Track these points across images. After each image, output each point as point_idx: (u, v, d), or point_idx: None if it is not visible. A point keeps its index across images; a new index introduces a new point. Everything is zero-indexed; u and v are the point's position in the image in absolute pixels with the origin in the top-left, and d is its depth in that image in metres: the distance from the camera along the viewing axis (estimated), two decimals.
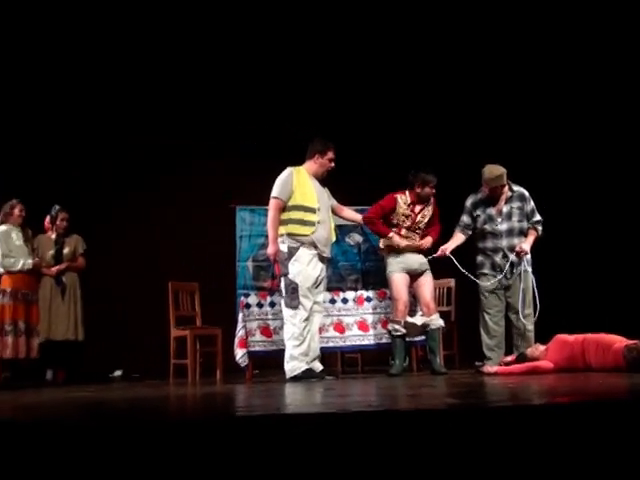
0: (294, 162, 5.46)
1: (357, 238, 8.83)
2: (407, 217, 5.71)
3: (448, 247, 5.64)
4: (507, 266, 5.47)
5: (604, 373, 4.20)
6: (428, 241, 5.73)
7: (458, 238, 5.73)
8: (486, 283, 5.52)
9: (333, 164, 5.41)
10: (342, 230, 7.14)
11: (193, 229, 8.49)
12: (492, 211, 5.60)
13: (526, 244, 5.50)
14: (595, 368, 4.45)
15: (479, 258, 5.67)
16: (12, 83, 7.73)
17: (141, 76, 8.21)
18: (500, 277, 5.48)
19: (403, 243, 5.60)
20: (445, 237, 5.83)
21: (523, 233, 5.57)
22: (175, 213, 8.57)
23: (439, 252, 5.62)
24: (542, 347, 4.90)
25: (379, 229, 5.72)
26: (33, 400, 3.99)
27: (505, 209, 5.56)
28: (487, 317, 5.55)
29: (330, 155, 5.39)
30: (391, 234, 5.63)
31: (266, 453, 2.02)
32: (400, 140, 8.72)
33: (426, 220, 5.76)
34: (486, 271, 5.60)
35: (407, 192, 5.75)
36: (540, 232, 5.60)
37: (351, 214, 5.82)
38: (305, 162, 5.44)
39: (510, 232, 5.54)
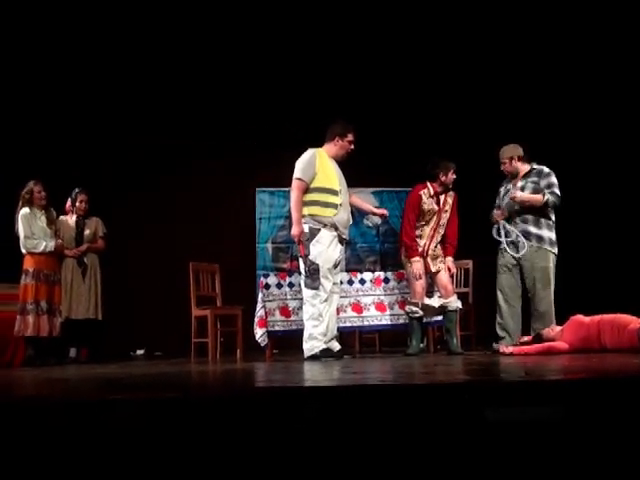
0: (312, 145, 5.50)
1: (376, 220, 8.86)
2: (434, 213, 5.75)
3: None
4: (502, 230, 5.59)
5: (619, 353, 4.23)
6: (452, 268, 5.82)
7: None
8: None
9: (353, 146, 5.44)
10: (361, 212, 7.18)
11: (213, 211, 8.60)
12: (509, 185, 5.72)
13: (525, 195, 5.52)
14: (610, 349, 4.48)
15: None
16: (31, 68, 7.82)
17: (157, 65, 8.29)
18: (503, 238, 5.59)
19: (418, 272, 5.66)
20: (462, 228, 5.91)
21: (535, 207, 5.55)
22: (196, 195, 8.68)
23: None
24: (558, 328, 4.93)
25: (412, 247, 5.71)
26: (58, 376, 4.10)
27: (520, 183, 5.64)
28: (499, 295, 5.63)
29: (350, 137, 5.40)
30: (415, 259, 5.68)
31: (284, 425, 2.09)
32: (414, 124, 8.72)
33: (448, 209, 5.80)
34: (503, 245, 5.64)
35: (429, 184, 5.79)
36: (547, 199, 5.48)
37: (358, 202, 5.78)
38: (324, 144, 5.46)
39: (522, 208, 5.57)
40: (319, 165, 5.24)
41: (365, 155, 7.16)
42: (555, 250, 5.57)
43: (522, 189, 5.60)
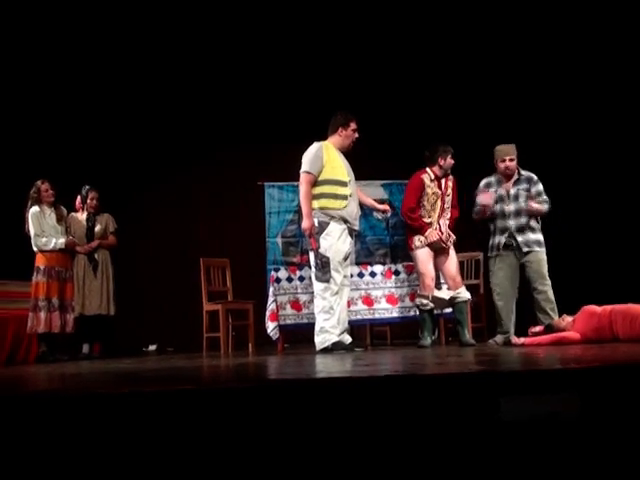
0: (320, 138, 5.50)
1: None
2: (438, 197, 5.75)
3: None
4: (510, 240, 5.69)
5: (631, 343, 4.21)
6: (452, 235, 5.81)
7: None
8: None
9: (357, 134, 5.43)
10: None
11: (223, 207, 8.63)
12: (502, 191, 5.76)
13: (537, 206, 5.64)
14: (623, 339, 4.46)
15: (491, 239, 5.83)
16: (37, 65, 7.86)
17: (166, 61, 8.31)
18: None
19: (437, 237, 5.65)
20: (471, 220, 5.96)
21: (530, 215, 5.68)
22: (205, 191, 8.72)
23: None
24: (569, 318, 4.92)
25: (420, 224, 5.71)
26: (72, 371, 4.12)
27: (513, 191, 5.73)
28: (493, 293, 5.80)
29: (353, 126, 5.41)
30: (429, 230, 5.68)
31: (297, 416, 2.11)
32: (423, 116, 8.70)
33: (450, 192, 5.81)
34: (495, 252, 5.77)
35: (428, 169, 5.80)
36: (546, 209, 5.71)
37: (362, 197, 5.73)
38: (328, 137, 5.46)
39: (518, 213, 5.68)
40: (326, 157, 5.25)
41: (374, 147, 7.18)
42: (544, 249, 5.71)
43: (516, 197, 5.70)
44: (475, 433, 2.09)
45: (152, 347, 8.21)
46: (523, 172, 5.79)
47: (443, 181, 5.79)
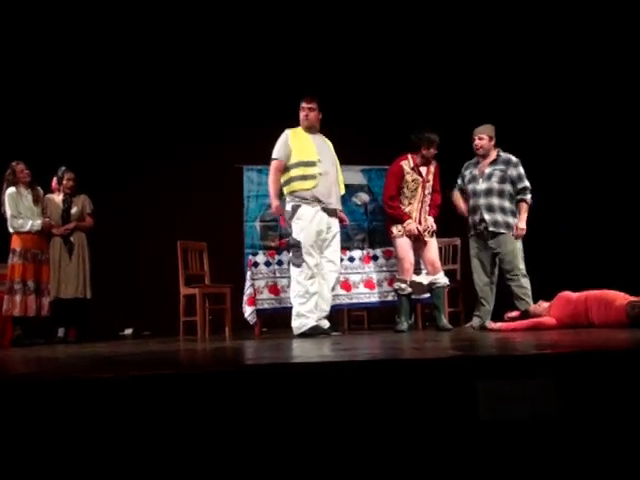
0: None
1: (364, 198, 8.91)
2: (418, 184, 5.74)
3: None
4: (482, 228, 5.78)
5: (606, 329, 4.26)
6: (432, 225, 5.80)
7: (460, 199, 6.06)
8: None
9: (304, 112, 5.47)
10: (349, 190, 7.18)
11: (201, 189, 8.55)
12: (476, 172, 5.86)
13: (521, 222, 5.72)
14: (598, 325, 4.51)
15: (469, 219, 5.93)
16: (11, 40, 7.72)
17: (146, 41, 8.22)
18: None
19: (415, 230, 5.66)
20: (451, 205, 6.06)
21: (504, 195, 5.74)
22: (184, 174, 8.62)
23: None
24: (545, 304, 4.96)
25: (399, 213, 5.70)
26: (48, 355, 4.09)
27: (487, 170, 5.79)
28: (474, 278, 5.88)
29: (302, 105, 5.50)
30: (408, 221, 5.67)
31: (273, 401, 2.10)
32: (403, 102, 8.69)
33: (431, 179, 5.81)
34: (472, 232, 5.89)
35: (409, 156, 5.78)
36: (529, 201, 5.78)
37: None
38: None
39: (488, 192, 5.74)
40: (293, 142, 5.36)
41: (353, 132, 7.16)
42: (512, 231, 5.74)
43: (489, 177, 5.75)
44: (453, 419, 2.10)
45: (128, 331, 8.16)
46: (502, 154, 5.82)
47: (424, 168, 5.78)
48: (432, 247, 5.78)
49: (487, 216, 5.71)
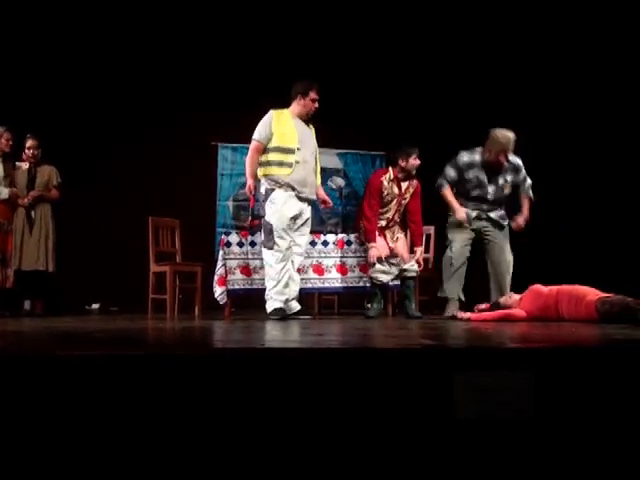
0: (278, 100, 5.41)
1: (339, 182, 8.87)
2: (393, 198, 5.76)
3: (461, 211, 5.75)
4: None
5: (576, 323, 4.28)
6: (420, 263, 5.87)
7: (452, 196, 5.81)
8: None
9: (316, 104, 5.35)
10: (324, 174, 7.12)
11: (175, 165, 8.41)
12: (485, 179, 5.69)
13: (521, 219, 5.72)
14: (567, 319, 4.55)
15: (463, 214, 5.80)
16: None
17: (122, 19, 8.06)
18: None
19: (374, 258, 5.67)
20: (424, 193, 5.96)
21: (507, 201, 5.81)
22: (157, 148, 8.48)
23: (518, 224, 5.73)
24: (516, 296, 4.99)
25: (372, 230, 5.69)
26: (12, 328, 4.00)
27: (501, 181, 5.69)
28: (454, 264, 5.81)
29: (312, 95, 5.32)
30: (372, 244, 5.67)
31: (240, 385, 2.06)
32: (381, 86, 8.64)
33: (408, 196, 5.80)
34: (460, 227, 5.79)
35: (390, 169, 5.82)
36: (532, 196, 5.83)
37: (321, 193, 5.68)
38: (291, 104, 5.39)
39: (495, 202, 5.76)
40: (275, 125, 5.23)
41: (331, 117, 7.07)
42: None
43: (502, 189, 5.70)
44: (428, 409, 2.08)
45: (95, 306, 8.05)
46: (511, 158, 5.63)
47: (405, 183, 5.79)
48: (401, 243, 5.89)
49: (492, 214, 5.77)
